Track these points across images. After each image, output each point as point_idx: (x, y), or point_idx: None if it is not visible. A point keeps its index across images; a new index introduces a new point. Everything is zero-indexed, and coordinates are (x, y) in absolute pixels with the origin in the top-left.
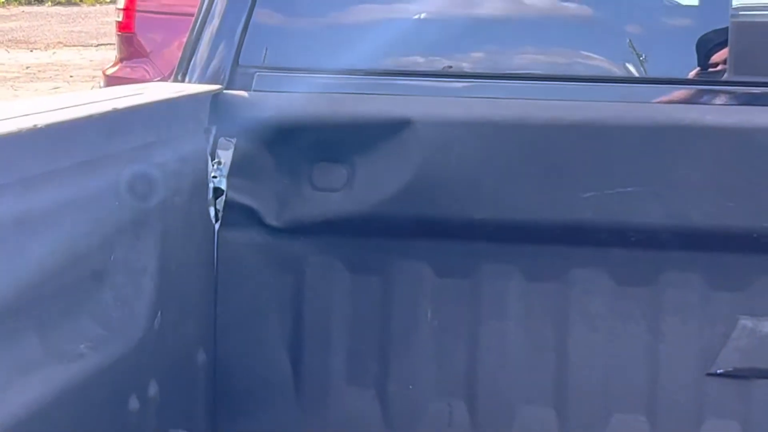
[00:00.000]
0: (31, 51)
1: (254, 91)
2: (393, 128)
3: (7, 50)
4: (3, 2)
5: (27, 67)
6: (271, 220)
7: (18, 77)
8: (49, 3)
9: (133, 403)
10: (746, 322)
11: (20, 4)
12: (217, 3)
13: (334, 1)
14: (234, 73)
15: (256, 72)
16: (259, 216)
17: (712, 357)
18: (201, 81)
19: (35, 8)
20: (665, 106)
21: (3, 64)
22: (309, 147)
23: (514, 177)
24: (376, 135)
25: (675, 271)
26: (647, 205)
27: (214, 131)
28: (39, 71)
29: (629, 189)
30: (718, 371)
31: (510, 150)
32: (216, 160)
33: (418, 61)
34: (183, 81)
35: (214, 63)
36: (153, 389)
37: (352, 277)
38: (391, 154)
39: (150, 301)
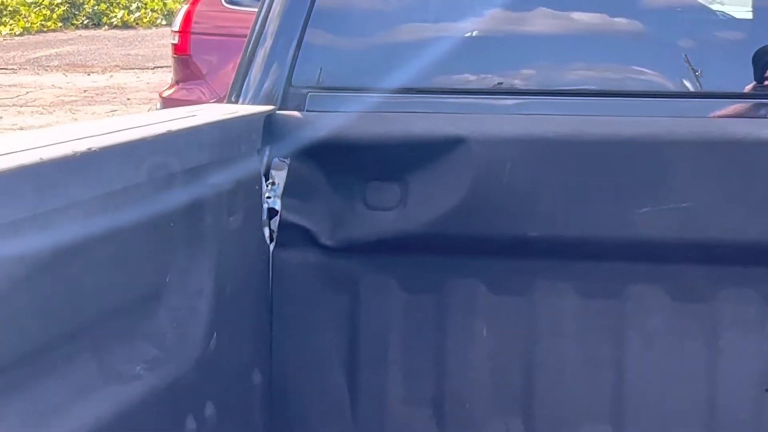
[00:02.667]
0: (89, 74)
1: (307, 111)
2: (446, 146)
3: (64, 74)
4: (60, 26)
5: (84, 91)
6: (326, 239)
7: (76, 101)
8: (106, 27)
9: (190, 424)
10: None
11: (77, 27)
12: (269, 24)
13: (385, 21)
14: (287, 94)
15: (309, 92)
16: (313, 236)
17: None
18: (254, 102)
19: (92, 32)
20: (720, 121)
21: (61, 88)
22: (362, 166)
23: (568, 193)
24: (428, 153)
25: (732, 286)
26: (703, 220)
27: (267, 152)
28: (96, 94)
29: (685, 204)
30: None
31: (564, 166)
32: (270, 181)
33: (470, 79)
34: (236, 102)
35: (267, 84)
36: (209, 410)
37: (406, 296)
38: (445, 172)
39: (205, 322)
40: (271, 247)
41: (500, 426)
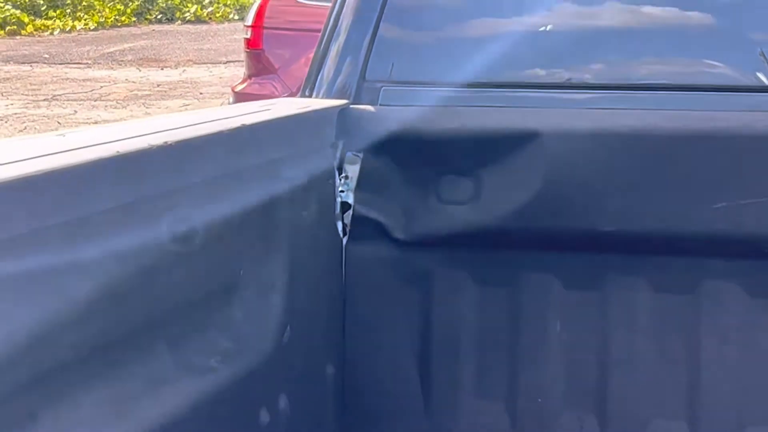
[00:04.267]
0: (162, 69)
1: (381, 105)
2: (518, 141)
3: (138, 68)
4: (134, 21)
5: (158, 85)
6: (399, 233)
7: (149, 95)
8: (179, 21)
9: (264, 417)
10: None
11: (150, 22)
12: (343, 19)
13: (457, 15)
14: (360, 88)
15: (382, 86)
16: (387, 229)
17: None
18: (328, 96)
19: (165, 27)
20: None
21: (134, 83)
22: (435, 160)
23: (641, 188)
24: (501, 148)
25: None
26: None
27: (341, 146)
28: (170, 89)
29: (761, 199)
30: None
31: (637, 161)
32: (343, 175)
33: (541, 74)
34: (310, 96)
35: (341, 78)
36: (283, 402)
37: (479, 290)
38: (517, 167)
39: (279, 315)
40: (345, 240)
41: (574, 421)
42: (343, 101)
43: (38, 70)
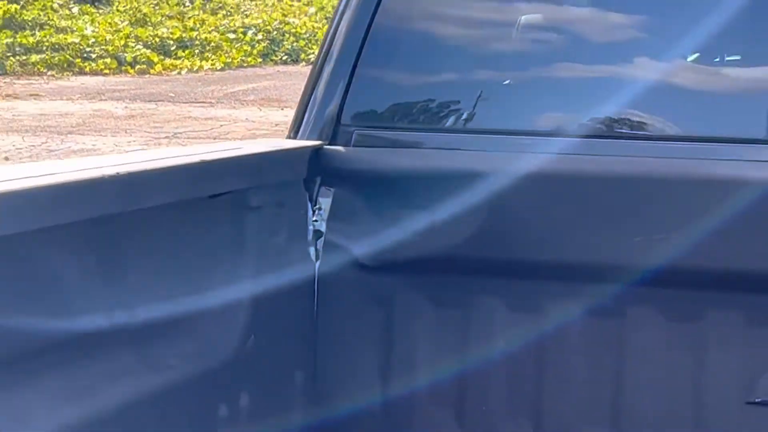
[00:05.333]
0: (282, 109)
1: (353, 146)
2: (466, 180)
3: (259, 108)
4: (259, 62)
5: (276, 125)
6: (365, 259)
7: (266, 134)
8: (303, 63)
9: (223, 412)
10: None
11: (276, 63)
12: (324, 69)
13: (422, 70)
14: (336, 131)
15: (355, 130)
16: (354, 255)
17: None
18: (310, 137)
19: (290, 68)
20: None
21: (254, 122)
22: (397, 195)
23: (572, 223)
24: (452, 185)
25: (717, 309)
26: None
27: (318, 181)
28: (286, 128)
29: (668, 235)
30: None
31: (569, 199)
32: (317, 206)
33: (492, 120)
34: (294, 137)
35: (320, 122)
36: (245, 400)
37: (435, 311)
38: (466, 203)
39: (243, 325)
40: (317, 264)
41: (513, 426)
42: (319, 142)
43: (162, 108)
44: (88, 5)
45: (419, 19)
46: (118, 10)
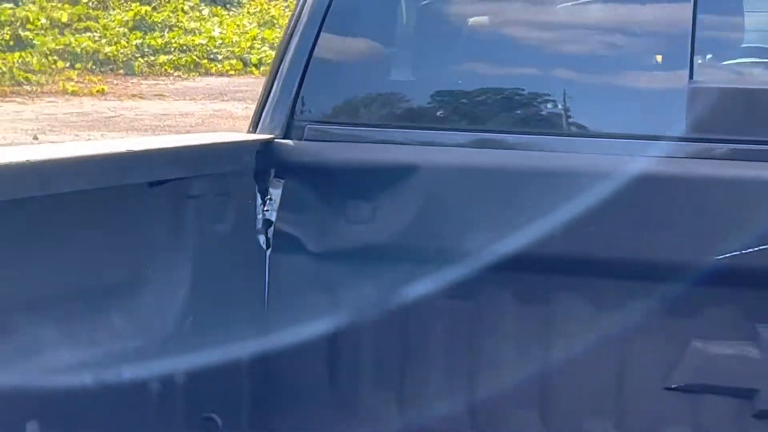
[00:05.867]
0: None
1: (305, 140)
2: (404, 172)
3: None
4: None
5: None
6: (312, 247)
7: None
8: None
9: (157, 388)
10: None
11: None
12: (281, 68)
13: (372, 66)
14: (290, 126)
15: (306, 125)
16: (303, 243)
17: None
18: (266, 132)
19: None
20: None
21: None
22: (342, 187)
23: (504, 216)
24: (391, 178)
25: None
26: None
27: (268, 173)
28: None
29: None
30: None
31: (501, 192)
32: (268, 197)
33: (429, 115)
34: (254, 131)
35: (276, 117)
36: (181, 378)
37: (377, 297)
38: (403, 194)
39: (181, 307)
40: (268, 252)
41: (447, 405)
42: (269, 136)
43: None
44: (219, 7)
45: (370, 17)
46: (248, 12)
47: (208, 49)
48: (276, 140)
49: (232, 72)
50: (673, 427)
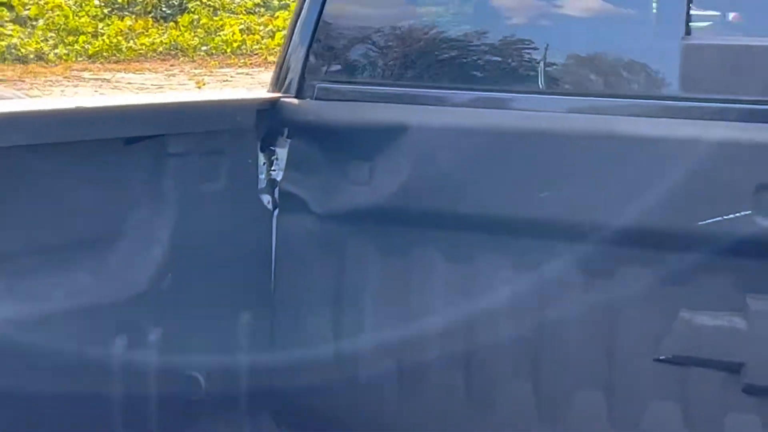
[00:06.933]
0: None
1: (316, 99)
2: (405, 133)
3: None
4: None
5: None
6: (316, 207)
7: None
8: None
9: (121, 342)
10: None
11: None
12: (296, 30)
13: (383, 24)
14: (302, 85)
15: (317, 84)
16: (307, 204)
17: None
18: (281, 91)
19: None
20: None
21: None
22: (345, 146)
23: (505, 178)
24: (393, 139)
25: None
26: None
27: (275, 132)
28: None
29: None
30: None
31: (485, 153)
32: (274, 156)
33: (432, 75)
34: (272, 92)
35: (290, 77)
36: (156, 334)
37: (379, 258)
38: (404, 156)
39: (156, 263)
40: (276, 212)
41: (442, 370)
42: (276, 95)
43: None
44: None
45: None
46: None
47: None
48: (282, 99)
49: None
50: (661, 399)
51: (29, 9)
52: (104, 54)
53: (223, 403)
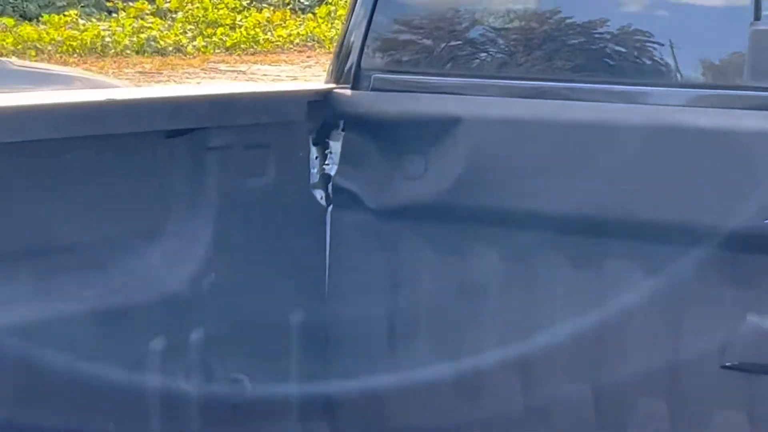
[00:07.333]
0: None
1: (372, 90)
2: (466, 126)
3: None
4: None
5: None
6: (370, 203)
7: None
8: None
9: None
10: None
11: None
12: (351, 18)
13: (433, 16)
14: (358, 75)
15: (373, 74)
16: (361, 199)
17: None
18: (337, 82)
19: None
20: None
21: None
22: (399, 140)
23: (546, 172)
24: (452, 131)
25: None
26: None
27: (330, 125)
28: None
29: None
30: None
31: (540, 147)
32: (328, 150)
33: (492, 65)
34: (329, 82)
35: (346, 67)
36: (197, 335)
37: (434, 256)
38: (464, 150)
39: (198, 261)
40: (330, 208)
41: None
42: (330, 86)
43: None
44: None
45: None
46: None
47: None
48: (336, 90)
49: None
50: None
51: (169, 2)
52: (241, 46)
53: (271, 409)
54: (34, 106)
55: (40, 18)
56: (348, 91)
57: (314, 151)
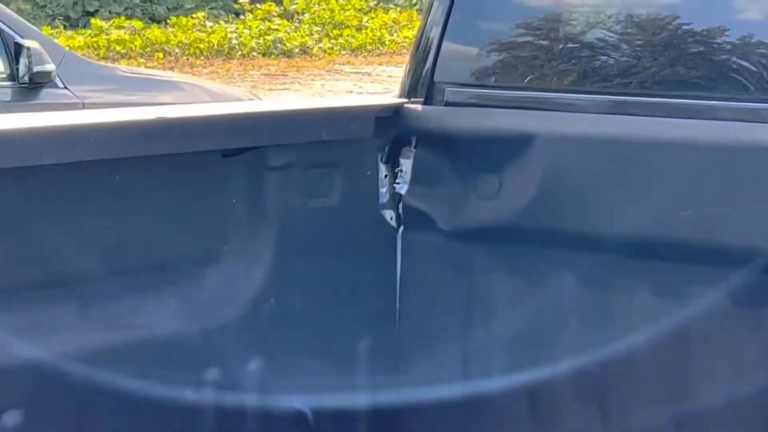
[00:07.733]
0: None
1: (445, 104)
2: (544, 144)
3: None
4: None
5: None
6: (443, 224)
7: None
8: None
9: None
10: None
11: None
12: (424, 33)
13: (505, 31)
14: (431, 89)
15: (446, 88)
16: (434, 220)
17: None
18: (408, 96)
19: None
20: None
21: None
22: (473, 158)
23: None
24: (529, 149)
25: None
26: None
27: (400, 141)
28: None
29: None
30: None
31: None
32: (398, 168)
33: (569, 80)
34: (401, 97)
35: (419, 80)
36: (256, 365)
37: (508, 279)
38: (541, 168)
39: (256, 286)
40: (401, 230)
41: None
42: (401, 101)
43: None
44: None
45: None
46: None
47: None
48: (406, 106)
49: None
50: None
51: (296, 3)
52: (367, 47)
53: None
54: (75, 126)
55: (168, 21)
56: (420, 106)
57: (383, 170)
